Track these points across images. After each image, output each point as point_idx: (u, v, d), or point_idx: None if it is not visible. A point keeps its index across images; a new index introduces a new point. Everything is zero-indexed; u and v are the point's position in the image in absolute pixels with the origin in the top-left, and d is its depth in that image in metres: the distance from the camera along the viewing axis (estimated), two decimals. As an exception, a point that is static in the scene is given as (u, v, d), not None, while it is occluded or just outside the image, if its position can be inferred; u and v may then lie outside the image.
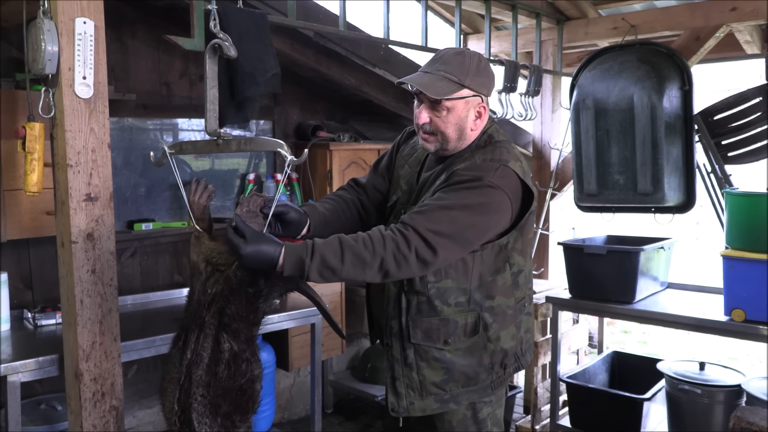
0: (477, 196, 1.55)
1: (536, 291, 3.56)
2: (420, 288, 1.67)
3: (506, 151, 1.65)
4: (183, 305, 3.20)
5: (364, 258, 1.49)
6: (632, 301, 3.02)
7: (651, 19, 3.56)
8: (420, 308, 1.67)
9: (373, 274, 1.51)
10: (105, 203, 1.95)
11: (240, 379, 1.59)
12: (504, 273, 1.68)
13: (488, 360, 1.70)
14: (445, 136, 1.66)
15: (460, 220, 1.52)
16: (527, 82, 3.53)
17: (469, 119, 1.66)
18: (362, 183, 1.96)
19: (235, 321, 1.60)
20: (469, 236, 1.55)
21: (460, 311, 1.66)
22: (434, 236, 1.51)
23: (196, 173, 3.50)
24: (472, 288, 1.65)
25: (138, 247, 3.21)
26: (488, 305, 1.67)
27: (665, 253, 3.25)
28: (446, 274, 1.64)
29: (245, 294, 1.60)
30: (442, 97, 1.61)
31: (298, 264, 1.48)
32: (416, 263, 1.51)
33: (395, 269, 1.51)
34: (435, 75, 1.63)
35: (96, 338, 1.95)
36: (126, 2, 3.05)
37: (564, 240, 3.33)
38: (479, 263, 1.64)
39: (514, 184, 1.60)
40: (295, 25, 2.59)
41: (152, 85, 3.23)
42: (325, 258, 1.48)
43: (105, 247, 1.95)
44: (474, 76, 1.64)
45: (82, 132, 1.89)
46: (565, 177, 3.86)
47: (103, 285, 1.95)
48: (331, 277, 1.50)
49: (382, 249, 1.49)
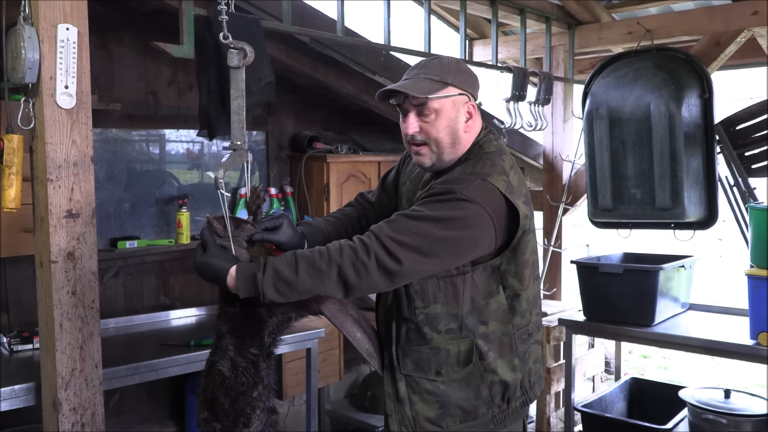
0: (448, 209, 1.53)
1: (548, 313, 3.55)
2: (407, 314, 1.65)
3: (490, 164, 1.62)
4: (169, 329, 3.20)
5: (319, 267, 1.48)
6: (651, 324, 3.01)
7: (668, 24, 3.59)
8: (409, 336, 1.66)
9: (333, 286, 1.50)
10: (87, 220, 1.95)
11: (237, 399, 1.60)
12: (497, 296, 1.65)
13: (486, 392, 1.66)
14: (438, 144, 1.65)
15: (428, 232, 1.51)
16: (537, 90, 3.55)
17: (460, 120, 1.65)
18: (370, 198, 1.96)
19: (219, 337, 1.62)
20: (439, 251, 1.52)
21: (451, 339, 1.64)
22: (397, 246, 1.50)
23: (184, 187, 3.51)
24: (464, 313, 1.63)
25: (122, 266, 3.20)
26: (482, 331, 1.64)
27: (686, 272, 3.24)
28: (435, 299, 1.63)
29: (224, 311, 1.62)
30: (427, 95, 1.60)
31: (250, 280, 1.48)
32: (378, 272, 1.50)
33: (355, 278, 1.49)
34: (414, 79, 1.64)
35: (76, 365, 1.94)
36: (111, 7, 3.07)
37: (577, 258, 3.33)
38: (470, 286, 1.63)
39: (494, 199, 1.57)
40: (291, 31, 2.61)
41: (138, 94, 3.25)
42: (278, 270, 1.48)
43: (87, 266, 1.95)
44: (456, 74, 1.65)
45: (64, 144, 1.90)
46: (578, 191, 3.87)
47: (84, 307, 1.95)
48: (288, 292, 1.49)
49: (338, 256, 1.49)
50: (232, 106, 1.82)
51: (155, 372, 2.53)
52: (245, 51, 1.80)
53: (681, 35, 3.57)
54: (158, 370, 2.54)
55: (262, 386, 1.63)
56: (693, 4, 3.72)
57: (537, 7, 3.62)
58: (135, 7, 3.09)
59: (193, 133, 3.48)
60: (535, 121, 3.56)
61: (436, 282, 1.63)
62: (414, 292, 1.64)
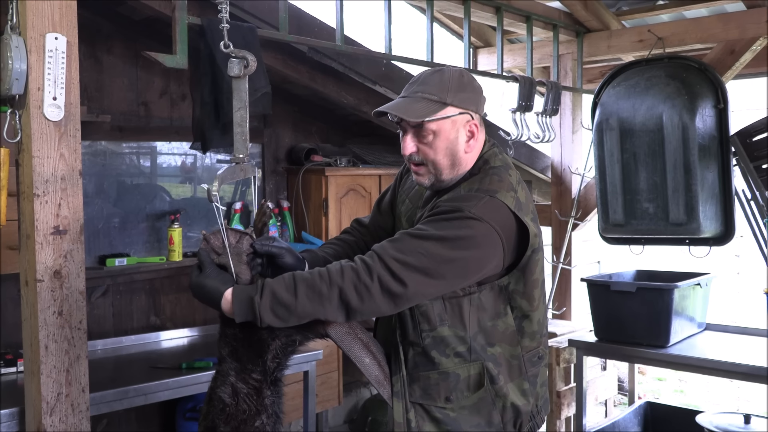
0: (455, 228, 1.52)
1: (558, 334, 3.54)
2: (414, 338, 1.64)
3: (498, 179, 1.62)
4: (160, 351, 3.20)
5: (320, 290, 1.48)
6: (666, 345, 3.00)
7: (680, 31, 3.61)
8: (416, 361, 1.65)
9: (334, 309, 1.49)
10: (75, 237, 1.95)
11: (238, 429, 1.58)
12: (505, 317, 1.65)
13: (498, 418, 1.65)
14: (436, 165, 1.64)
15: (434, 252, 1.50)
16: (544, 100, 3.56)
17: (460, 141, 1.64)
18: (366, 223, 1.96)
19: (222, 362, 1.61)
20: (445, 272, 1.52)
21: (461, 363, 1.63)
22: (401, 267, 1.49)
23: (176, 202, 3.51)
24: (471, 335, 1.63)
25: (110, 285, 3.20)
26: (490, 354, 1.64)
27: (702, 291, 3.24)
28: (441, 321, 1.62)
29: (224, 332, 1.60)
30: (422, 119, 1.60)
31: (247, 303, 1.48)
32: (381, 295, 1.49)
33: (357, 302, 1.49)
34: (412, 98, 1.62)
35: (62, 389, 1.93)
36: (102, 15, 3.10)
37: (588, 276, 3.32)
38: (477, 307, 1.62)
39: (503, 217, 1.56)
40: (288, 40, 2.63)
41: (129, 106, 3.27)
42: (276, 293, 1.47)
43: (74, 285, 1.95)
44: (456, 91, 1.62)
45: (51, 158, 1.90)
46: (588, 205, 3.87)
47: (71, 328, 1.95)
48: (286, 316, 1.48)
49: (339, 278, 1.48)
50: (234, 118, 1.82)
51: (145, 396, 2.52)
52: (247, 60, 1.81)
53: (694, 43, 3.60)
54: (148, 394, 2.53)
55: (266, 415, 1.60)
56: (706, 10, 3.74)
57: (544, 14, 3.65)
58: (126, 15, 3.12)
59: (185, 145, 3.49)
60: (543, 132, 3.57)
61: (441, 303, 1.62)
62: (419, 315, 1.63)
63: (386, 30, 2.94)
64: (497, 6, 3.36)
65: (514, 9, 3.46)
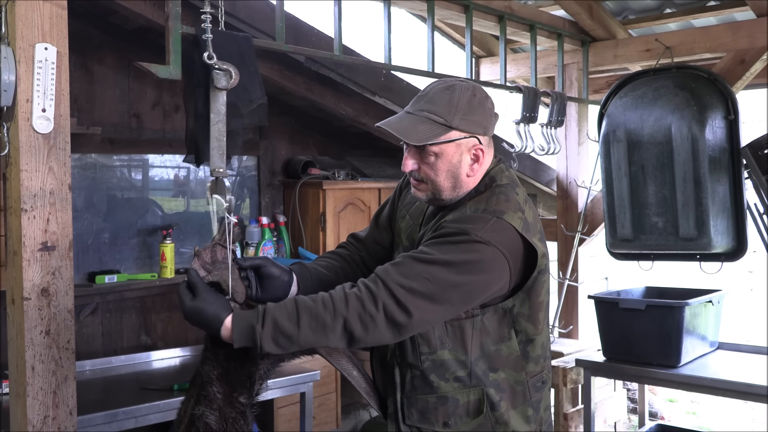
0: (462, 252, 1.53)
1: (565, 353, 3.53)
2: (412, 360, 1.65)
3: (504, 199, 1.62)
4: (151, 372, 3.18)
5: (323, 320, 1.48)
6: (677, 365, 2.99)
7: (688, 40, 3.63)
8: (414, 384, 1.65)
9: (337, 339, 1.50)
10: (63, 253, 1.95)
11: None
12: (510, 342, 1.65)
13: None
14: (436, 185, 1.64)
15: (440, 277, 1.51)
16: (549, 111, 3.58)
17: (463, 165, 1.63)
18: (362, 238, 1.95)
19: (207, 384, 1.60)
20: (452, 297, 1.53)
21: (460, 387, 1.63)
22: (407, 294, 1.49)
23: (168, 216, 3.52)
24: (473, 360, 1.62)
25: (100, 303, 3.20)
26: (492, 379, 1.64)
27: (714, 308, 3.23)
28: (441, 344, 1.62)
29: (214, 353, 1.59)
30: (424, 143, 1.60)
31: (247, 332, 1.47)
32: (386, 325, 1.49)
33: (362, 332, 1.49)
34: (417, 116, 1.61)
35: (48, 412, 1.92)
36: (93, 25, 3.12)
37: (596, 293, 3.32)
38: (479, 330, 1.62)
39: (510, 240, 1.57)
40: (285, 50, 2.64)
41: (120, 117, 3.29)
42: (278, 323, 1.47)
43: (62, 304, 1.95)
44: (464, 114, 1.61)
45: (40, 171, 1.91)
46: (595, 219, 3.88)
47: (59, 348, 1.94)
48: (288, 345, 1.48)
49: (344, 308, 1.48)
50: (212, 132, 1.85)
51: (135, 419, 2.51)
52: (230, 72, 1.83)
53: (703, 52, 3.62)
54: (138, 417, 2.52)
55: None
56: (715, 19, 3.77)
57: (548, 23, 3.67)
58: (118, 24, 3.14)
59: (179, 158, 3.51)
60: (548, 144, 3.58)
61: (442, 326, 1.62)
62: (419, 337, 1.63)
63: (386, 39, 2.96)
64: (500, 14, 3.38)
65: (518, 18, 3.49)
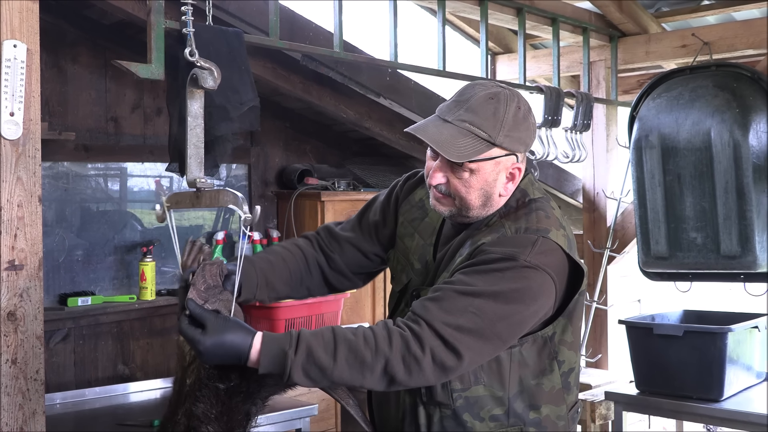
0: (510, 281, 1.52)
1: (593, 385, 3.51)
2: (442, 398, 1.62)
3: (544, 215, 1.62)
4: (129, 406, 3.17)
5: (363, 356, 1.46)
6: (720, 399, 2.97)
7: (729, 35, 3.64)
8: (444, 425, 1.63)
9: (375, 380, 1.48)
10: (32, 273, 1.96)
11: None
12: (552, 375, 1.64)
13: None
14: (465, 203, 1.62)
15: (488, 311, 1.50)
16: (574, 113, 3.58)
17: (498, 183, 1.62)
18: (338, 235, 1.89)
19: (203, 424, 1.59)
20: (501, 331, 1.52)
21: (497, 427, 1.61)
22: (455, 333, 1.48)
23: (149, 231, 3.53)
24: (511, 396, 1.61)
25: (72, 328, 3.20)
26: (533, 418, 1.62)
27: (760, 335, 3.22)
28: (476, 380, 1.61)
29: (214, 390, 1.59)
30: (465, 160, 1.57)
31: (278, 357, 1.45)
32: (433, 369, 1.48)
33: (404, 375, 1.48)
34: (457, 127, 1.58)
35: (14, 450, 1.93)
36: (66, 20, 3.15)
37: (627, 317, 3.31)
38: (518, 363, 1.61)
39: (557, 261, 1.57)
40: (279, 46, 2.66)
41: (96, 121, 3.30)
42: (313, 351, 1.45)
43: (30, 329, 1.95)
44: (509, 130, 1.59)
45: (7, 182, 1.92)
46: (626, 235, 3.87)
47: (26, 379, 1.94)
48: (319, 378, 1.47)
49: (387, 346, 1.46)
50: (189, 137, 1.86)
51: (110, 459, 2.51)
52: (213, 72, 1.84)
53: (745, 48, 3.62)
54: (114, 456, 2.52)
55: None
56: (758, 11, 3.77)
57: (572, 16, 3.68)
58: (94, 19, 3.16)
59: (161, 167, 3.52)
60: (572, 151, 3.59)
61: None
62: None
63: (392, 35, 2.97)
64: (519, 7, 3.40)
65: (538, 10, 3.50)
